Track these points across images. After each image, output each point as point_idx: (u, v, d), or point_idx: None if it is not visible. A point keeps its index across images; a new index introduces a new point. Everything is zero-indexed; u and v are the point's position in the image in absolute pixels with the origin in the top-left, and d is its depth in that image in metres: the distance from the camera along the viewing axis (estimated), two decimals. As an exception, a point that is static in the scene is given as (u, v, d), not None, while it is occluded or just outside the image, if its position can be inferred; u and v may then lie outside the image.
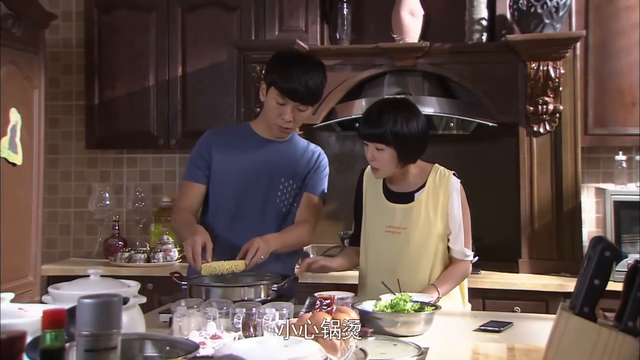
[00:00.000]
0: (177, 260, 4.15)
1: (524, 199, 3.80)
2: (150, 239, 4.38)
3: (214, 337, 1.86)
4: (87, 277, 2.00)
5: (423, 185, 2.63)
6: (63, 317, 1.10)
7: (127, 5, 4.36)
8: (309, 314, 1.83)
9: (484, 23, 3.93)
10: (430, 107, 3.78)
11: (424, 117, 2.61)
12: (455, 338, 2.19)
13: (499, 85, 3.85)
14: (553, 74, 3.68)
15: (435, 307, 2.29)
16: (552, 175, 3.79)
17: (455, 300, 2.69)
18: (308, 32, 4.08)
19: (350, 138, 4.31)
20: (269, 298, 2.40)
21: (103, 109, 4.37)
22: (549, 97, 3.73)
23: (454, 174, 2.65)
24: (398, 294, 2.30)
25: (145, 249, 4.18)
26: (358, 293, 2.71)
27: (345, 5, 4.14)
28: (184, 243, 2.48)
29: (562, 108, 3.75)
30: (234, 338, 1.89)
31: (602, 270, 1.29)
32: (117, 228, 4.43)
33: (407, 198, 2.64)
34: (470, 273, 2.73)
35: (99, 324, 1.13)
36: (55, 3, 4.62)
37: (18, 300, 1.71)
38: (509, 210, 3.98)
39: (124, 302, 1.35)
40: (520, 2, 3.69)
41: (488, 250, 3.57)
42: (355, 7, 4.23)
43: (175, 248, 4.18)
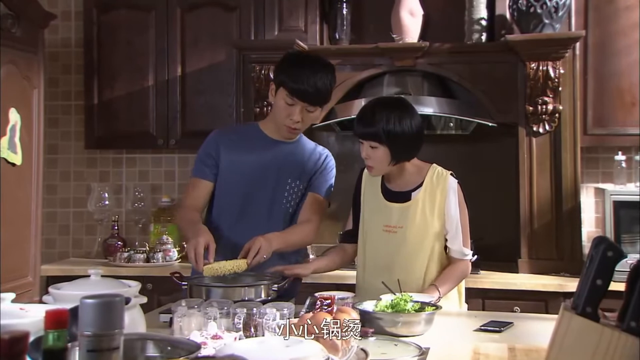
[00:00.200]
0: (176, 260, 4.15)
1: (524, 199, 3.81)
2: (150, 239, 4.37)
3: (215, 337, 1.86)
4: (87, 277, 2.00)
5: (420, 185, 2.63)
6: (66, 317, 1.10)
7: (126, 5, 4.36)
8: (310, 314, 1.83)
9: (484, 23, 3.93)
10: (430, 107, 3.78)
11: (419, 116, 2.61)
12: (456, 338, 2.19)
13: (499, 85, 3.85)
14: (552, 74, 3.68)
15: (436, 307, 2.29)
16: (551, 175, 3.79)
17: (452, 301, 2.68)
18: (307, 32, 4.08)
19: (350, 138, 4.31)
20: (269, 298, 2.40)
21: (102, 109, 4.37)
22: (549, 97, 3.73)
23: (452, 174, 2.65)
24: (398, 294, 2.31)
25: (145, 249, 4.18)
26: (356, 292, 2.71)
27: (345, 5, 4.14)
28: (187, 244, 2.48)
29: (561, 108, 3.75)
30: (235, 338, 1.89)
31: (604, 271, 1.28)
32: (116, 228, 4.43)
33: (404, 197, 2.65)
34: (470, 273, 2.73)
35: (102, 324, 1.13)
36: (54, 3, 4.62)
37: (17, 301, 1.70)
38: (509, 210, 3.98)
39: (126, 302, 1.35)
40: (520, 2, 3.69)
41: (487, 250, 3.57)
42: (355, 7, 4.23)
43: (175, 248, 4.18)
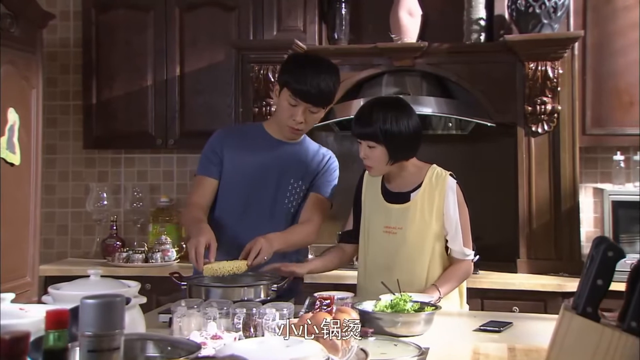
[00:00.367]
0: (175, 261, 4.15)
1: (522, 199, 3.81)
2: (148, 239, 4.37)
3: (215, 337, 1.86)
4: (87, 277, 2.00)
5: (419, 185, 2.63)
6: (66, 317, 1.10)
7: (124, 5, 4.35)
8: (309, 314, 1.83)
9: (482, 23, 3.94)
10: (429, 107, 3.79)
11: (417, 116, 2.61)
12: (456, 338, 2.19)
13: (497, 86, 3.86)
14: (551, 74, 3.68)
15: (435, 307, 2.29)
16: (550, 175, 3.79)
17: (453, 302, 2.69)
18: (306, 32, 4.09)
19: (349, 138, 4.31)
20: (269, 298, 2.40)
21: (101, 109, 4.36)
22: (547, 97, 3.73)
23: (451, 175, 2.65)
24: (398, 294, 2.31)
25: (143, 249, 4.17)
26: (357, 293, 2.72)
27: (344, 5, 4.14)
28: (188, 243, 2.48)
29: (560, 108, 3.75)
30: (235, 338, 1.89)
31: (605, 271, 1.28)
32: (114, 228, 4.43)
33: (403, 198, 2.65)
34: (471, 273, 2.74)
35: (102, 325, 1.13)
36: (53, 3, 4.61)
37: (15, 301, 1.70)
38: (507, 211, 3.99)
39: (126, 302, 1.35)
40: (519, 2, 3.70)
41: (486, 251, 3.56)
42: (354, 7, 4.23)
43: (174, 248, 4.18)
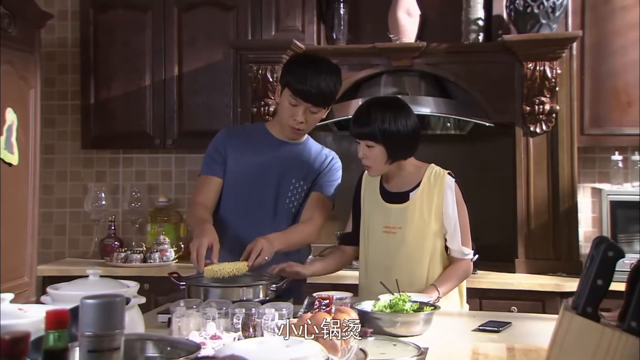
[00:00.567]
0: (173, 261, 4.15)
1: (521, 199, 3.81)
2: (147, 239, 4.37)
3: (214, 337, 1.86)
4: (85, 277, 2.00)
5: (418, 185, 2.64)
6: (66, 317, 1.10)
7: (123, 5, 4.35)
8: (309, 314, 1.83)
9: (481, 23, 3.94)
10: (427, 107, 3.79)
11: (415, 115, 2.62)
12: (455, 338, 2.19)
13: (496, 85, 3.86)
14: (549, 74, 3.68)
15: (434, 307, 2.29)
16: (548, 175, 3.79)
17: (453, 301, 2.69)
18: (305, 32, 4.09)
19: (347, 138, 4.31)
20: (268, 298, 2.40)
21: (99, 109, 4.36)
22: (546, 97, 3.73)
23: (449, 173, 2.65)
24: (397, 294, 2.31)
25: (142, 249, 4.17)
26: (358, 293, 2.72)
27: (342, 5, 4.13)
28: (190, 244, 2.48)
29: (558, 108, 3.76)
30: (234, 338, 1.89)
31: (605, 270, 1.28)
32: (113, 228, 4.42)
33: (402, 198, 2.65)
34: (470, 272, 2.74)
35: (102, 325, 1.13)
36: (51, 2, 4.60)
37: (14, 301, 1.70)
38: (506, 210, 3.99)
39: (126, 302, 1.34)
40: (517, 2, 3.70)
41: (485, 250, 3.55)
42: (352, 7, 4.23)
43: (172, 248, 4.17)
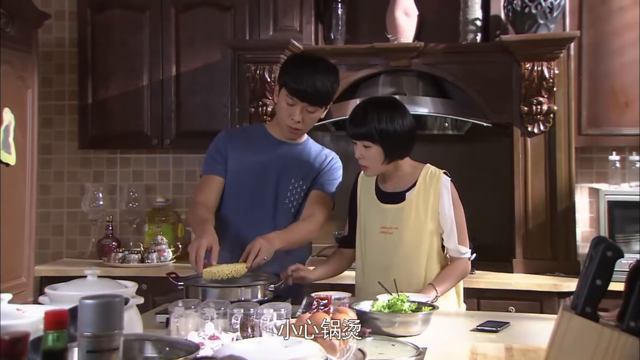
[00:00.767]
0: (171, 261, 4.15)
1: (518, 199, 3.81)
2: (144, 240, 4.36)
3: (213, 337, 1.86)
4: (84, 277, 1.99)
5: (414, 185, 2.65)
6: (65, 317, 1.09)
7: (120, 5, 4.35)
8: (307, 314, 1.82)
9: (478, 23, 3.94)
10: (425, 107, 3.79)
11: (411, 115, 2.63)
12: (453, 338, 2.19)
13: (493, 86, 3.86)
14: (547, 74, 3.69)
15: (433, 307, 2.29)
16: (546, 176, 3.80)
17: (451, 301, 2.69)
18: (302, 32, 4.09)
19: (345, 138, 4.29)
20: (266, 298, 2.40)
21: (96, 109, 4.35)
22: (543, 97, 3.73)
23: (445, 173, 2.66)
24: (395, 294, 2.31)
25: (139, 250, 4.16)
26: (356, 294, 2.72)
27: (340, 5, 4.13)
28: (189, 245, 2.47)
29: (556, 108, 3.76)
30: (233, 339, 1.89)
31: (604, 271, 1.29)
32: (110, 228, 4.42)
33: (398, 198, 2.66)
34: (467, 271, 2.74)
35: (101, 325, 1.13)
36: (48, 2, 4.60)
37: (11, 302, 1.69)
38: (503, 210, 3.99)
39: (125, 302, 1.34)
40: (515, 2, 3.70)
41: (482, 250, 3.55)
42: (350, 7, 4.23)
43: (170, 248, 4.17)
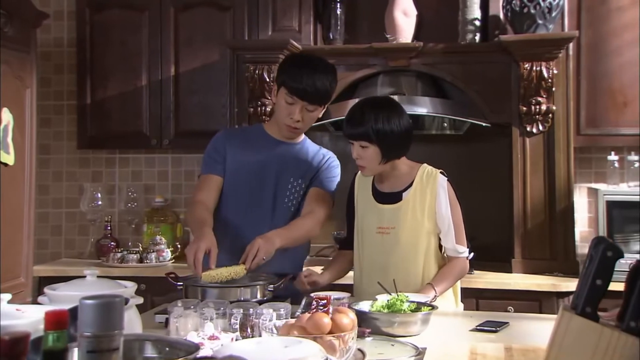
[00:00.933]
0: (170, 261, 4.14)
1: (517, 199, 3.81)
2: (143, 240, 4.36)
3: (212, 337, 1.86)
4: (83, 277, 1.99)
5: (411, 185, 2.65)
6: (66, 318, 1.09)
7: (119, 5, 4.34)
8: (307, 315, 1.82)
9: (477, 23, 3.94)
10: (424, 107, 3.79)
11: (407, 115, 2.64)
12: (453, 338, 2.19)
13: (492, 86, 3.86)
14: (546, 74, 3.69)
15: (432, 307, 2.29)
16: (544, 176, 3.80)
17: (449, 301, 2.70)
18: (301, 32, 4.09)
19: (344, 138, 4.23)
20: (265, 298, 2.40)
21: (95, 109, 4.35)
22: (542, 97, 3.74)
23: (442, 172, 2.67)
24: (394, 294, 2.31)
25: (138, 250, 4.16)
26: (353, 294, 2.72)
27: (339, 5, 4.14)
28: (187, 248, 2.46)
29: (554, 108, 3.76)
30: (232, 339, 1.89)
31: (604, 271, 1.29)
32: (109, 228, 4.42)
33: (395, 198, 2.67)
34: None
35: (102, 325, 1.13)
36: (47, 2, 4.59)
37: (10, 302, 1.69)
38: (502, 210, 3.99)
39: (125, 302, 1.34)
40: (514, 2, 3.70)
41: (481, 250, 3.56)
42: (349, 7, 4.23)
43: (168, 248, 4.17)
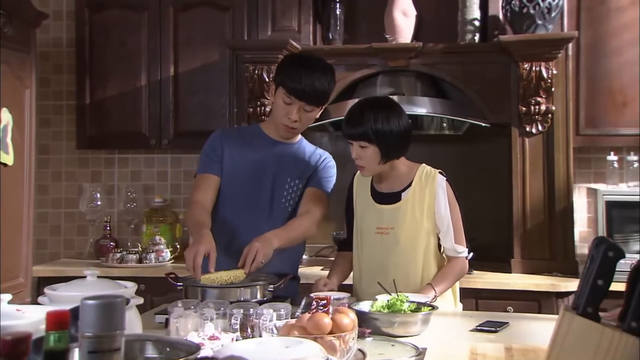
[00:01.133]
0: (169, 261, 4.14)
1: (516, 199, 3.82)
2: (142, 240, 4.36)
3: (212, 338, 1.86)
4: (83, 278, 1.99)
5: (409, 185, 2.66)
6: (67, 318, 1.09)
7: (118, 5, 4.34)
8: (307, 315, 1.82)
9: (477, 23, 3.94)
10: (423, 107, 3.79)
11: (406, 115, 2.64)
12: (453, 338, 2.19)
13: (492, 86, 3.86)
14: (545, 75, 3.69)
15: (432, 307, 2.29)
16: (544, 176, 3.80)
17: (448, 301, 2.70)
18: (301, 32, 4.09)
19: (343, 138, 4.24)
20: (265, 299, 2.40)
21: (94, 109, 4.35)
22: (541, 97, 3.74)
23: (440, 172, 2.67)
24: (394, 294, 2.31)
25: (137, 250, 4.16)
26: (353, 294, 2.72)
27: (338, 5, 4.14)
28: (186, 251, 2.45)
29: (554, 108, 3.76)
30: (232, 339, 1.89)
31: (605, 271, 1.29)
32: (108, 229, 4.42)
33: (394, 198, 2.67)
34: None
35: (103, 325, 1.12)
36: (46, 2, 4.59)
37: (10, 302, 1.69)
38: (502, 211, 3.99)
39: (126, 303, 1.34)
40: (513, 2, 3.71)
41: (481, 250, 3.56)
42: (348, 7, 4.23)
43: (168, 249, 4.17)
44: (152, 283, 3.66)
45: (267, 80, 3.87)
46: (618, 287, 1.33)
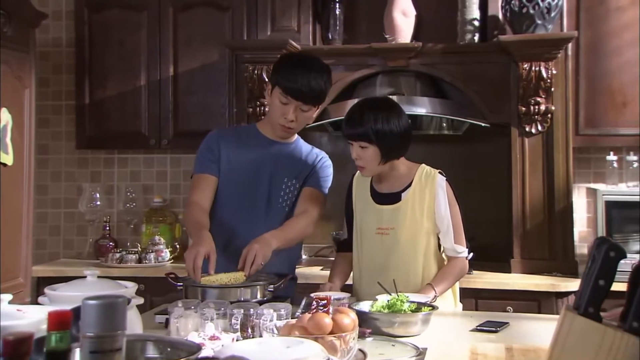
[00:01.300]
0: (169, 261, 4.14)
1: (516, 199, 3.82)
2: (142, 240, 4.36)
3: (213, 338, 1.86)
4: (83, 278, 1.99)
5: (409, 185, 2.66)
6: (69, 318, 1.09)
7: (118, 5, 4.34)
8: (307, 315, 1.82)
9: (476, 23, 3.95)
10: (423, 107, 3.79)
11: (406, 115, 2.64)
12: (453, 338, 2.19)
13: (491, 86, 3.86)
14: (545, 75, 3.69)
15: (432, 307, 2.29)
16: (543, 176, 3.80)
17: (448, 301, 2.70)
18: (300, 32, 4.09)
19: (342, 138, 4.25)
20: (265, 299, 2.39)
21: (94, 109, 4.35)
22: (541, 97, 3.74)
23: (440, 172, 2.67)
24: (394, 295, 2.31)
25: (137, 250, 4.16)
26: (353, 294, 2.72)
27: (338, 5, 4.14)
28: (186, 253, 2.44)
29: (553, 108, 3.76)
30: (233, 339, 1.89)
31: (607, 271, 1.29)
32: (107, 229, 4.42)
33: (394, 198, 2.67)
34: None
35: (104, 326, 1.12)
36: (45, 2, 4.58)
37: (10, 302, 1.69)
38: (501, 211, 3.99)
39: (127, 303, 1.34)
40: (513, 2, 3.71)
41: (480, 250, 3.56)
42: (348, 7, 4.23)
43: (167, 249, 4.16)
44: (151, 283, 3.66)
45: (266, 80, 3.86)
46: (619, 287, 1.33)
